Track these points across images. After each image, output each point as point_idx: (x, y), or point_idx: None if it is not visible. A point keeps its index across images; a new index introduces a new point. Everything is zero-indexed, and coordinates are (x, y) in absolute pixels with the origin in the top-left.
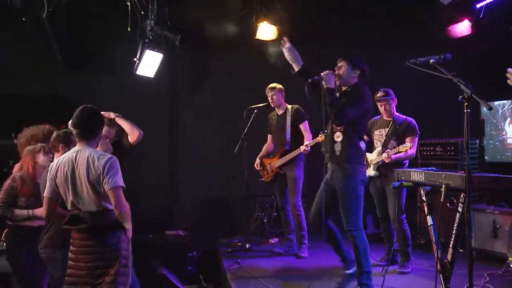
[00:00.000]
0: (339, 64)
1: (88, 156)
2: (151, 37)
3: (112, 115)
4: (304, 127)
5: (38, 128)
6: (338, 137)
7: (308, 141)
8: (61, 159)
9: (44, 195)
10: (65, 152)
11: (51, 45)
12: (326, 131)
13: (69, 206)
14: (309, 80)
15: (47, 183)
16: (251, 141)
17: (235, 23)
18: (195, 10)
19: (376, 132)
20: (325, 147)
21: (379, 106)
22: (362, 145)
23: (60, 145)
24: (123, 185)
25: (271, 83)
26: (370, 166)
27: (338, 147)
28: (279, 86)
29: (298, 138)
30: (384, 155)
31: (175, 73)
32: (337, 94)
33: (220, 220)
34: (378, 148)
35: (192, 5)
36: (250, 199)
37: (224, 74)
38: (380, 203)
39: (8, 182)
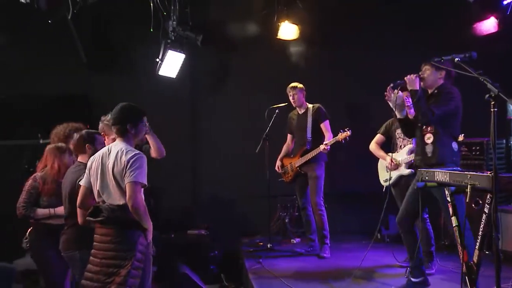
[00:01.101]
0: (423, 69)
1: (118, 150)
2: (173, 38)
3: None
4: (325, 126)
5: (62, 126)
6: (429, 138)
7: (328, 140)
8: (100, 151)
9: (81, 183)
10: (93, 151)
11: (75, 46)
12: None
13: (96, 197)
14: (392, 85)
15: (85, 173)
16: (273, 141)
17: (257, 23)
18: (217, 10)
19: (399, 131)
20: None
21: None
22: (455, 145)
23: (86, 145)
24: (144, 182)
25: (292, 82)
26: (401, 166)
27: (429, 149)
28: (300, 85)
29: (319, 138)
30: None
31: (197, 73)
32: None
33: (241, 219)
34: (409, 146)
35: (214, 5)
36: (271, 198)
37: (245, 74)
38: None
39: (29, 182)
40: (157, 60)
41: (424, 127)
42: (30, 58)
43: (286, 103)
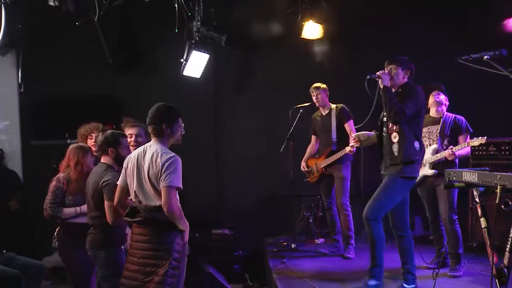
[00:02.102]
0: (388, 67)
1: (153, 152)
2: (197, 38)
3: None
4: (349, 126)
5: (86, 126)
6: (395, 137)
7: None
8: (136, 150)
9: (118, 183)
10: (115, 155)
11: (102, 48)
12: (377, 133)
13: (133, 198)
14: (368, 77)
15: (122, 172)
16: (297, 140)
17: (281, 22)
18: (241, 10)
19: (424, 130)
20: (381, 149)
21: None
22: (417, 144)
23: (109, 150)
24: (179, 186)
25: (316, 81)
26: (425, 165)
27: (395, 148)
28: (323, 85)
29: (344, 138)
30: (448, 151)
31: (220, 73)
32: None
33: (265, 219)
34: (433, 146)
35: (238, 5)
36: (296, 198)
37: (269, 73)
38: (431, 203)
39: (53, 183)
40: (182, 60)
41: (390, 125)
42: (58, 60)
43: (310, 103)
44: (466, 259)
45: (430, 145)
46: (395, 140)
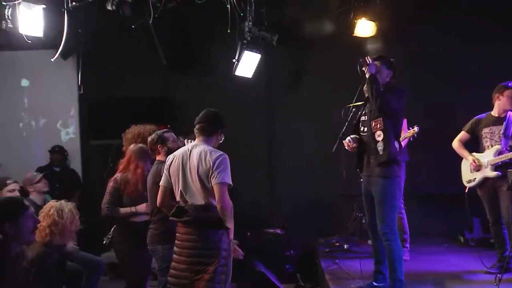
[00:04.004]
0: (375, 62)
1: (201, 151)
2: (249, 38)
3: None
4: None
5: (144, 127)
6: (379, 136)
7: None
8: (178, 151)
9: (160, 184)
10: (164, 151)
11: (156, 49)
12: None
13: (177, 197)
14: (361, 60)
15: (163, 173)
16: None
17: (333, 21)
18: (292, 10)
19: (486, 130)
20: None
21: (496, 101)
22: (397, 144)
23: (157, 146)
24: (230, 182)
25: None
26: (486, 167)
27: (380, 146)
28: None
29: None
30: None
31: (272, 72)
32: None
33: (318, 219)
34: (496, 146)
35: (289, 4)
36: (348, 198)
37: (321, 72)
38: (492, 205)
39: (111, 184)
40: (234, 60)
41: (374, 124)
42: (115, 62)
43: (363, 102)
44: None
45: (491, 146)
46: (380, 138)
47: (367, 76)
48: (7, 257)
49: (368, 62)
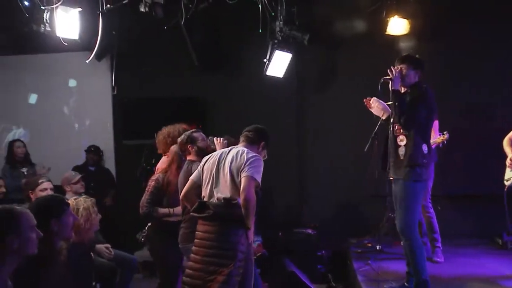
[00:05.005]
0: (399, 66)
1: (239, 150)
2: (280, 38)
3: None
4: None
5: (174, 127)
6: (402, 140)
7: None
8: (219, 150)
9: (190, 178)
10: (195, 150)
11: (188, 50)
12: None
13: (204, 193)
14: (382, 80)
15: (197, 169)
16: (382, 139)
17: (364, 19)
18: (324, 8)
19: None
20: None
21: None
22: (425, 147)
23: (187, 146)
24: (259, 180)
25: None
26: None
27: (402, 151)
28: None
29: None
30: None
31: (303, 72)
32: None
33: (349, 219)
34: None
35: (320, 3)
36: (381, 199)
37: (353, 72)
38: None
39: (152, 183)
40: (265, 60)
41: (397, 127)
42: (147, 63)
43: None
44: None
45: None
46: (402, 143)
47: (390, 89)
48: (52, 252)
49: (393, 75)
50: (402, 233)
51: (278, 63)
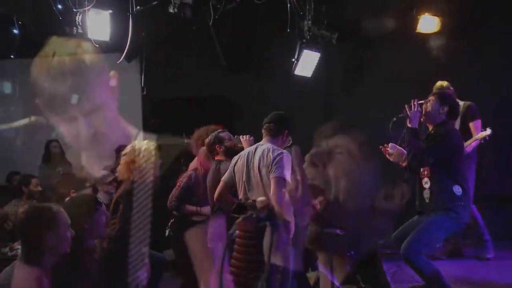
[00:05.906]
0: (430, 98)
1: (265, 148)
2: (308, 37)
3: None
4: (474, 126)
5: (205, 129)
6: (426, 183)
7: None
8: (246, 150)
9: (222, 179)
10: (222, 150)
11: (216, 50)
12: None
13: (241, 194)
14: (394, 119)
15: (228, 170)
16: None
17: (394, 17)
18: (352, 7)
19: None
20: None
21: None
22: (457, 189)
23: (215, 147)
24: (288, 179)
25: (433, 78)
26: None
27: (426, 194)
28: (445, 83)
29: (466, 138)
30: None
31: (332, 71)
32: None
33: (378, 220)
34: None
35: (349, 2)
36: (409, 200)
37: (382, 71)
38: None
39: (184, 180)
40: (293, 59)
41: (422, 170)
42: (176, 64)
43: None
44: None
45: None
46: (426, 186)
47: (407, 125)
48: (83, 250)
49: (413, 108)
50: (404, 256)
51: (307, 63)
